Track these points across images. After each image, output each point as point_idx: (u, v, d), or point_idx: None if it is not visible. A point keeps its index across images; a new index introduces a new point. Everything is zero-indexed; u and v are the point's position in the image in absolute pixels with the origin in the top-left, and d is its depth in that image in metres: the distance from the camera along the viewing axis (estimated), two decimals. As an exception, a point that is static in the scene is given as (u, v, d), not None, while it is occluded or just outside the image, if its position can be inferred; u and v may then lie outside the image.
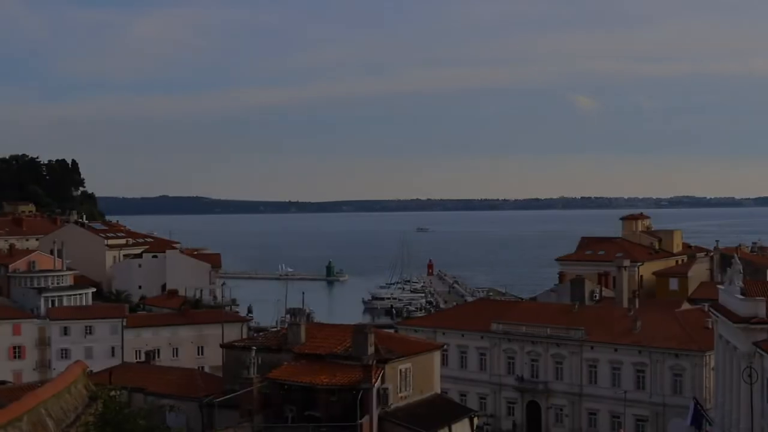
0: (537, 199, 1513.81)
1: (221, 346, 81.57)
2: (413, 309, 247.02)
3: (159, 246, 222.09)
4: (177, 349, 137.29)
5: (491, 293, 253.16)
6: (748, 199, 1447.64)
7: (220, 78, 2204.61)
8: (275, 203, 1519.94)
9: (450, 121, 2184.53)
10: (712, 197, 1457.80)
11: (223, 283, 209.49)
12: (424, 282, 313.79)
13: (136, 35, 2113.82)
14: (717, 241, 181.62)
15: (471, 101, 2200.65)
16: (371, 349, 66.62)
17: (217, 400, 70.54)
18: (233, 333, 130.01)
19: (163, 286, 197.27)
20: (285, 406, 67.96)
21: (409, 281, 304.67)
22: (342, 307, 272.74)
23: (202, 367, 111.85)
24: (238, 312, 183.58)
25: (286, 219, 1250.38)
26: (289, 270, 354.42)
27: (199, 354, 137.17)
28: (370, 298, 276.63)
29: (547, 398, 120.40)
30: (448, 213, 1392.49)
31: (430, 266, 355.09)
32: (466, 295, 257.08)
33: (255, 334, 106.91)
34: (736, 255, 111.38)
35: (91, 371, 65.40)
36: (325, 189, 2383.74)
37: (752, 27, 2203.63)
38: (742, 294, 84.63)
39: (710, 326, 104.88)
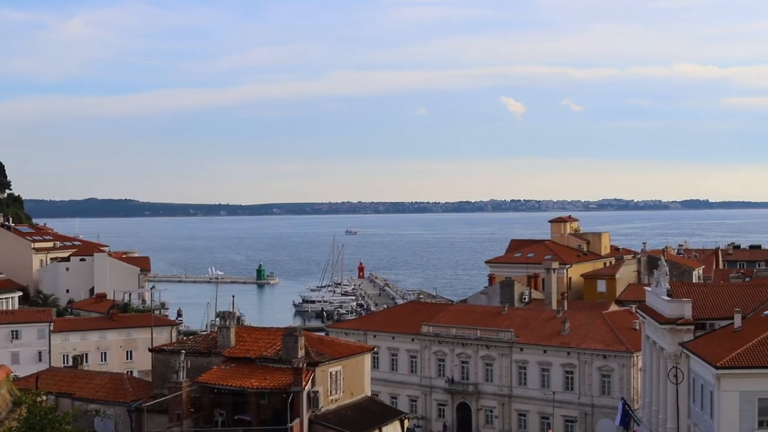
0: (467, 202, 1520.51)
1: (150, 350, 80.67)
2: (344, 312, 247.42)
3: (87, 249, 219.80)
4: (105, 353, 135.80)
5: (421, 296, 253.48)
6: (675, 202, 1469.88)
7: (149, 79, 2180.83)
8: (205, 206, 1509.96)
9: (380, 125, 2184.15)
10: (640, 200, 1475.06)
11: (153, 287, 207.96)
12: (354, 285, 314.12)
13: (65, 36, 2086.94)
14: (644, 243, 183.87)
15: (401, 104, 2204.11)
16: (301, 352, 66.44)
17: (146, 404, 69.83)
18: (163, 337, 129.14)
19: (91, 290, 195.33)
20: (215, 410, 67.59)
21: (339, 284, 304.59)
22: (272, 310, 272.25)
23: (131, 372, 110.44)
24: (167, 316, 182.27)
25: (217, 222, 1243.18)
26: (219, 273, 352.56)
27: (127, 358, 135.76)
28: (301, 301, 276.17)
29: (477, 400, 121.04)
30: (379, 216, 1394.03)
31: (360, 269, 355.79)
32: (397, 298, 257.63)
33: (184, 338, 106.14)
34: (662, 257, 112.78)
35: (16, 376, 64.55)
36: (255, 192, 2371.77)
37: (675, 32, 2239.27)
38: (668, 295, 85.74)
39: (637, 327, 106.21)
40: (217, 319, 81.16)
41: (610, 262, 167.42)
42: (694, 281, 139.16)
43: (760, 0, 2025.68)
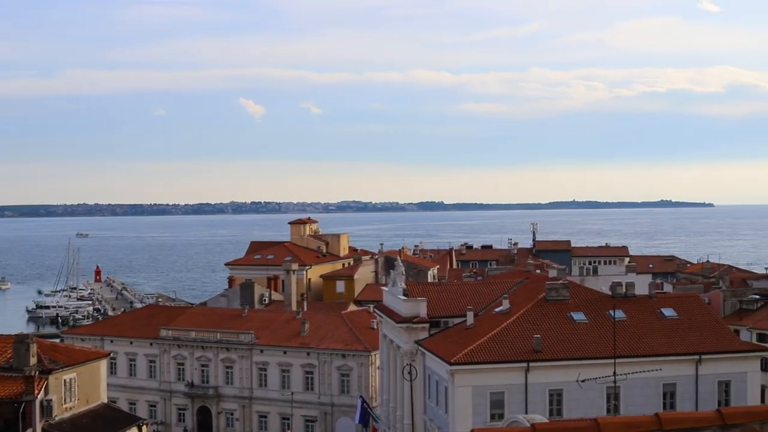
0: (208, 204, 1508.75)
1: None
2: (80, 317, 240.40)
3: None
4: None
5: (161, 299, 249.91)
6: (411, 203, 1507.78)
7: None
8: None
9: (117, 125, 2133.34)
10: (378, 202, 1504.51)
11: None
12: (91, 289, 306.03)
13: None
14: (381, 244, 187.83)
15: (139, 104, 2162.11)
16: (33, 360, 64.22)
17: None
18: None
19: None
20: (-61, 423, 64.46)
21: (75, 288, 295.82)
22: (4, 317, 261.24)
23: None
24: None
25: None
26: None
27: None
28: (35, 307, 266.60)
29: (217, 403, 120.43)
30: (117, 218, 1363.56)
31: (97, 273, 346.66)
32: (135, 302, 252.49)
33: None
34: (399, 257, 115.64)
35: None
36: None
37: (409, 39, 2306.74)
38: (404, 295, 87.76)
39: (375, 327, 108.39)
40: (-58, 328, 77.59)
41: (349, 263, 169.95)
42: (429, 281, 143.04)
43: (487, 10, 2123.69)
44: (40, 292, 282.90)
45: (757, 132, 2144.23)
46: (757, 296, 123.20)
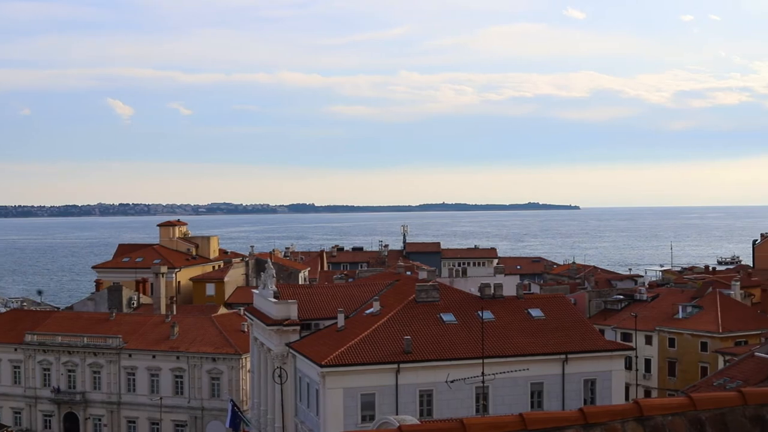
0: (74, 206, 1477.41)
1: None
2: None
3: None
4: None
5: (25, 303, 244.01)
6: (282, 206, 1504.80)
7: None
8: None
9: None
10: (248, 204, 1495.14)
11: None
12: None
13: None
14: (252, 246, 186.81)
15: (5, 104, 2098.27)
16: None
17: None
18: None
19: None
20: None
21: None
22: None
23: None
24: None
25: None
26: None
27: None
28: None
29: (85, 409, 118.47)
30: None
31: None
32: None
33: None
34: (269, 260, 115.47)
35: None
36: None
37: (279, 41, 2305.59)
38: (275, 297, 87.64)
39: (246, 329, 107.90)
40: None
41: (219, 266, 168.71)
42: (300, 283, 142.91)
43: (356, 13, 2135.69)
44: None
45: (620, 136, 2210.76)
46: (621, 296, 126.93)
